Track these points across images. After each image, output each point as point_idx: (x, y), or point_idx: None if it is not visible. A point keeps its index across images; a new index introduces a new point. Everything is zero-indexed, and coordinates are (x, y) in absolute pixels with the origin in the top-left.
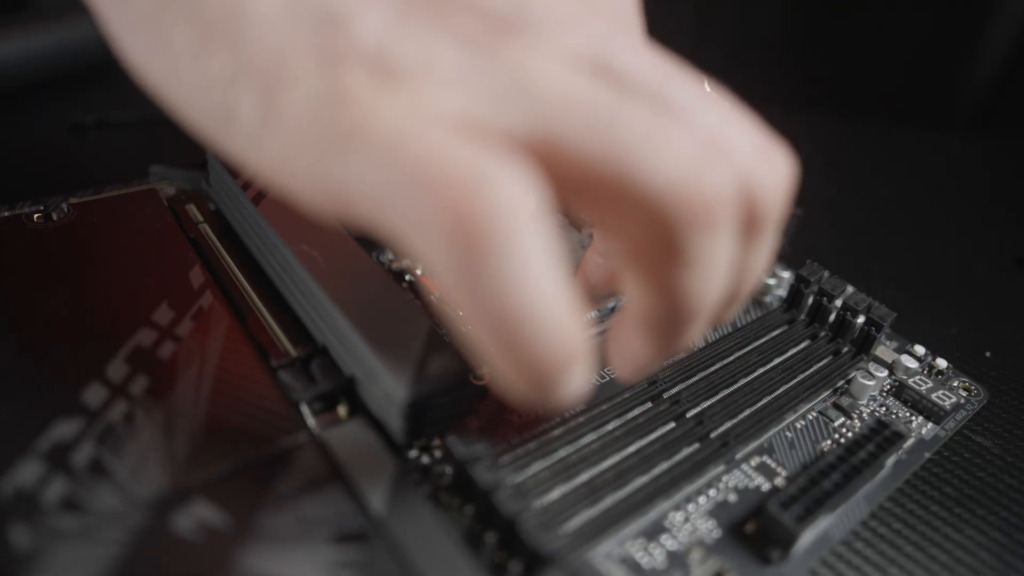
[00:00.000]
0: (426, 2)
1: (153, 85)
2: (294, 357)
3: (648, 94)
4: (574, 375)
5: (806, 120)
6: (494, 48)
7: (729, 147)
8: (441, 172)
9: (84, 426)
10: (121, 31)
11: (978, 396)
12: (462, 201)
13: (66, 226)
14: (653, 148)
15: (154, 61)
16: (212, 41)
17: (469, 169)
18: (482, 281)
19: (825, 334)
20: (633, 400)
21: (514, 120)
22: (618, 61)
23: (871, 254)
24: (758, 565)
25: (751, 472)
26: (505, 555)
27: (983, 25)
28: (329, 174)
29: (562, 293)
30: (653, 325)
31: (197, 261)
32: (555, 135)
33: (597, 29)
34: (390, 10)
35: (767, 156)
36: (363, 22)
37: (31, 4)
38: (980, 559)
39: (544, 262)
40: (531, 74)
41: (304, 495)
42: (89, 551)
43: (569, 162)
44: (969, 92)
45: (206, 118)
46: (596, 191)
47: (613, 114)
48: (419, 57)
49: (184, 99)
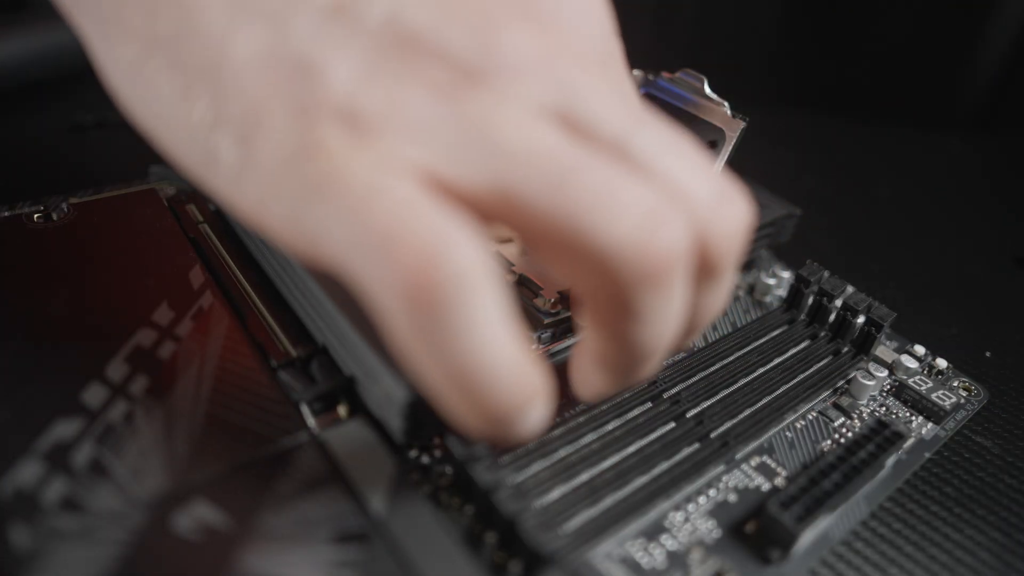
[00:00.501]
0: (396, 49)
1: (143, 127)
2: (294, 357)
3: (609, 144)
4: (532, 413)
5: (806, 120)
6: (461, 99)
7: (686, 195)
8: (401, 238)
9: (84, 426)
10: (111, 77)
11: (978, 396)
12: (420, 269)
13: (66, 226)
14: (606, 207)
15: (141, 106)
16: (193, 89)
17: (428, 236)
18: (438, 343)
19: (825, 334)
20: (633, 400)
21: (475, 175)
22: (582, 109)
23: (871, 254)
24: (758, 565)
25: (751, 472)
26: (505, 555)
27: (983, 25)
28: (301, 220)
29: (515, 343)
30: (608, 364)
31: (197, 261)
32: (513, 191)
33: (566, 73)
34: (361, 58)
35: (724, 201)
36: (334, 71)
37: (31, 4)
38: (980, 559)
39: (497, 319)
40: (495, 128)
41: (304, 495)
42: (89, 551)
43: (525, 216)
44: (969, 92)
45: (190, 159)
46: (551, 245)
47: (569, 171)
48: (387, 108)
49: (170, 141)
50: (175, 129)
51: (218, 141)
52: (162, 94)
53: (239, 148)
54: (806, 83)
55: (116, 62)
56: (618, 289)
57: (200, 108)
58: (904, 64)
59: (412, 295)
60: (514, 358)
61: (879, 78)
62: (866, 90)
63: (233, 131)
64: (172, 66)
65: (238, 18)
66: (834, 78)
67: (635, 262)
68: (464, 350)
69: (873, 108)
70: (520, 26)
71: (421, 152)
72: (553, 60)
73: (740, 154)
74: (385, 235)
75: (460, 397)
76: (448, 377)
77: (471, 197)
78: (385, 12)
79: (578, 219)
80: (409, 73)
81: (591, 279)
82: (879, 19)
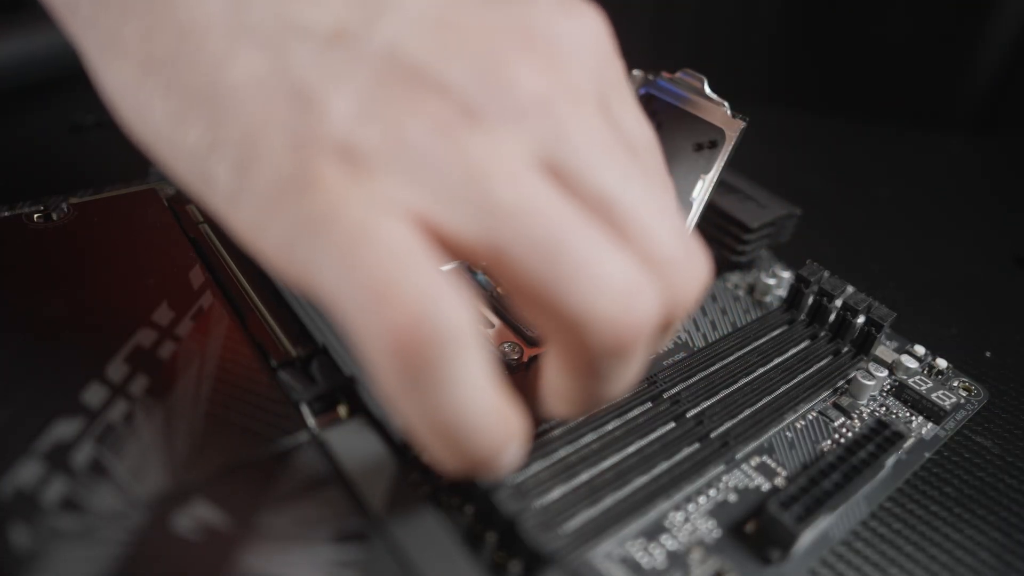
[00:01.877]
0: (397, 82)
1: (141, 143)
2: (294, 357)
3: (595, 202)
4: (508, 455)
5: (806, 120)
6: (458, 139)
7: (661, 262)
8: (391, 294)
9: (84, 426)
10: (108, 92)
11: (978, 396)
12: (408, 327)
13: (66, 226)
14: (588, 279)
15: (139, 123)
16: (191, 112)
17: (417, 294)
18: (422, 397)
19: (825, 334)
20: (633, 400)
21: (466, 225)
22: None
23: (871, 254)
24: (758, 565)
25: (751, 472)
26: (505, 555)
27: (983, 25)
28: (293, 251)
29: (494, 393)
30: (568, 400)
31: (197, 261)
32: (502, 247)
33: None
34: (361, 90)
35: (692, 263)
36: (333, 104)
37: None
38: (980, 559)
39: (478, 374)
40: (490, 178)
41: (304, 495)
42: (89, 551)
43: (511, 272)
44: (969, 92)
45: (187, 178)
46: (531, 299)
47: (558, 237)
48: (385, 144)
49: (167, 159)
50: (172, 150)
51: (214, 165)
52: (159, 116)
53: (235, 173)
54: (806, 83)
55: (115, 82)
56: (588, 354)
57: (196, 132)
58: (904, 64)
59: (399, 351)
60: (493, 408)
61: (879, 78)
62: (866, 90)
63: (230, 157)
64: (169, 88)
65: (237, 43)
66: (834, 78)
67: (610, 336)
68: (447, 405)
69: (873, 108)
70: (522, 60)
71: (415, 194)
72: (554, 101)
73: (740, 154)
74: (376, 290)
75: (441, 445)
76: (430, 428)
77: (460, 245)
78: (387, 42)
79: (562, 287)
80: (409, 107)
81: (564, 338)
82: (879, 19)
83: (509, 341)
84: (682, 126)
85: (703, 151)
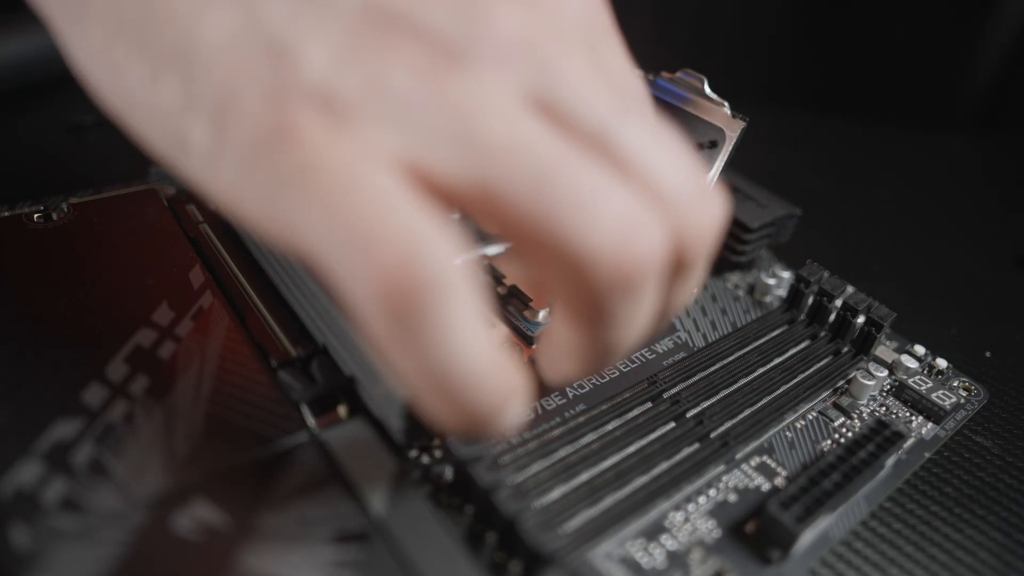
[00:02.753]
0: (375, 29)
1: (112, 110)
2: (294, 357)
3: (591, 136)
4: (510, 412)
5: (806, 120)
6: (443, 81)
7: (665, 196)
8: (378, 237)
9: (84, 426)
10: (80, 62)
11: (978, 396)
12: (397, 270)
13: (66, 226)
14: (586, 213)
15: (111, 91)
16: (162, 72)
17: (405, 236)
18: (414, 345)
19: (825, 334)
20: (633, 400)
21: (455, 167)
22: (566, 96)
23: (871, 254)
24: (758, 565)
25: (751, 472)
26: (505, 555)
27: (983, 25)
28: (275, 208)
29: (491, 344)
30: (575, 355)
31: (197, 261)
32: (493, 187)
33: (551, 55)
34: (337, 39)
35: (701, 199)
36: (310, 53)
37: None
38: (980, 559)
39: (473, 320)
40: (477, 117)
41: (304, 495)
42: (89, 551)
43: (504, 213)
44: (969, 92)
45: (162, 144)
46: (528, 241)
47: (551, 171)
48: (365, 91)
49: (141, 126)
50: (145, 114)
51: (189, 126)
52: (131, 78)
53: (210, 133)
54: (806, 83)
55: (83, 47)
56: (591, 293)
57: (169, 92)
58: (904, 64)
59: (388, 296)
60: (490, 358)
61: (879, 78)
62: (866, 90)
63: (204, 115)
64: (140, 50)
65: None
66: (834, 78)
67: (611, 270)
68: (441, 353)
69: (873, 108)
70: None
71: (400, 140)
72: (538, 40)
73: (740, 154)
74: (362, 233)
75: (438, 398)
76: (425, 378)
77: (450, 189)
78: None
79: (557, 223)
80: (388, 54)
81: (565, 279)
82: (879, 19)
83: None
84: (682, 126)
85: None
